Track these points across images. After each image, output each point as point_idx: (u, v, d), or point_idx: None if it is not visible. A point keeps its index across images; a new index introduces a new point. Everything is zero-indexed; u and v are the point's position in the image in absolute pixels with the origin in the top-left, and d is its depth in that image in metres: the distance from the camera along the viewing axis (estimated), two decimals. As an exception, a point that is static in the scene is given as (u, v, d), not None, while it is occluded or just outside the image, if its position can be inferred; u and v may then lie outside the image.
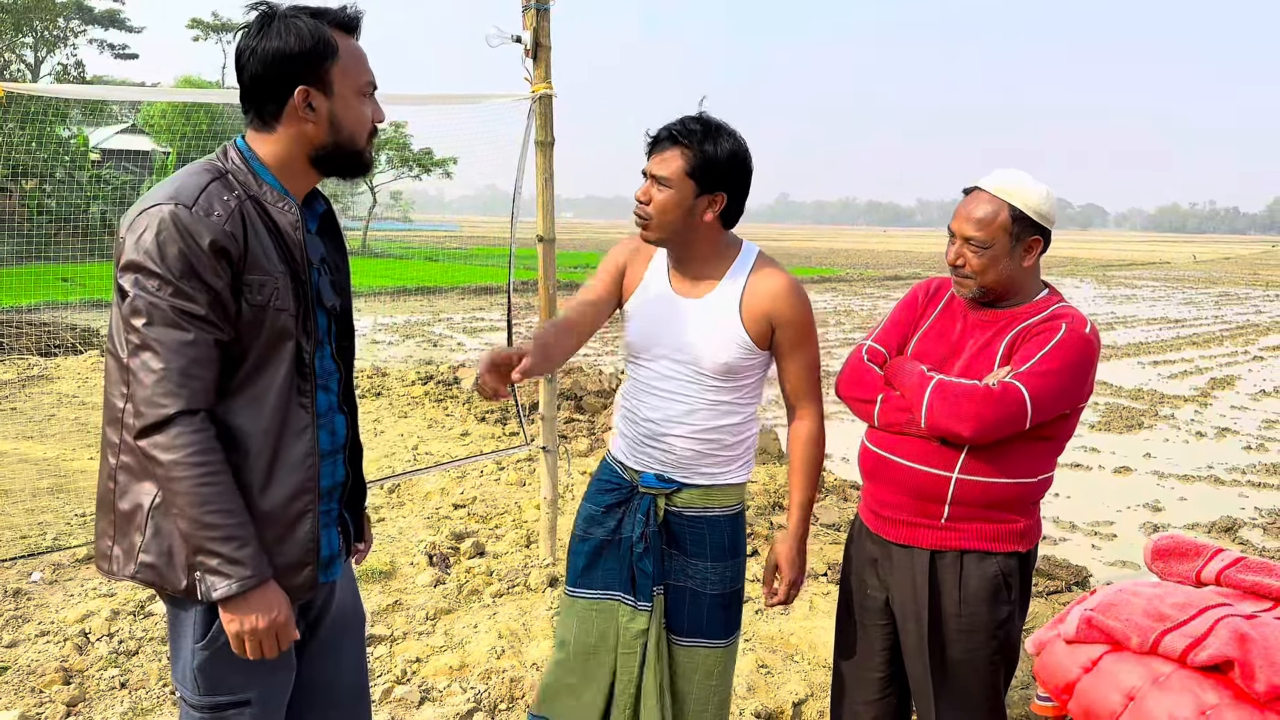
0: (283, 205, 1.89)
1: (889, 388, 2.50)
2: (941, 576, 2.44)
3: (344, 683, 2.21)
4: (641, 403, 2.51)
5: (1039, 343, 2.34)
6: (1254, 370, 13.93)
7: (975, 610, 2.41)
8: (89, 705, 3.49)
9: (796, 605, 4.48)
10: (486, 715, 3.49)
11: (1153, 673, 1.58)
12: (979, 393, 2.30)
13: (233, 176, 1.87)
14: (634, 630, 2.48)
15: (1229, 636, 1.53)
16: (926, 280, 2.71)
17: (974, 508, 2.39)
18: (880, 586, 2.58)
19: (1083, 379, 2.35)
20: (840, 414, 9.89)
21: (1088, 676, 1.66)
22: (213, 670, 1.91)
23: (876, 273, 35.61)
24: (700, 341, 2.42)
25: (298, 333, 1.89)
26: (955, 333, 2.51)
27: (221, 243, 1.77)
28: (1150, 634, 1.60)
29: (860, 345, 2.64)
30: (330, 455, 2.03)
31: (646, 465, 2.51)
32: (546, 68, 4.56)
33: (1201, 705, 1.50)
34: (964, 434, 2.30)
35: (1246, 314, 23.20)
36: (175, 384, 1.74)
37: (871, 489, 2.59)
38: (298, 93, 1.87)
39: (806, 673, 3.86)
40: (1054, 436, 2.40)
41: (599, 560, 2.55)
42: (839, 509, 6.01)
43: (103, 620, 4.11)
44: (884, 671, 2.63)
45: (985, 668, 2.45)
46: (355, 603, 2.26)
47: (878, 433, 2.53)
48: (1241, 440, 9.44)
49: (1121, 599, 1.69)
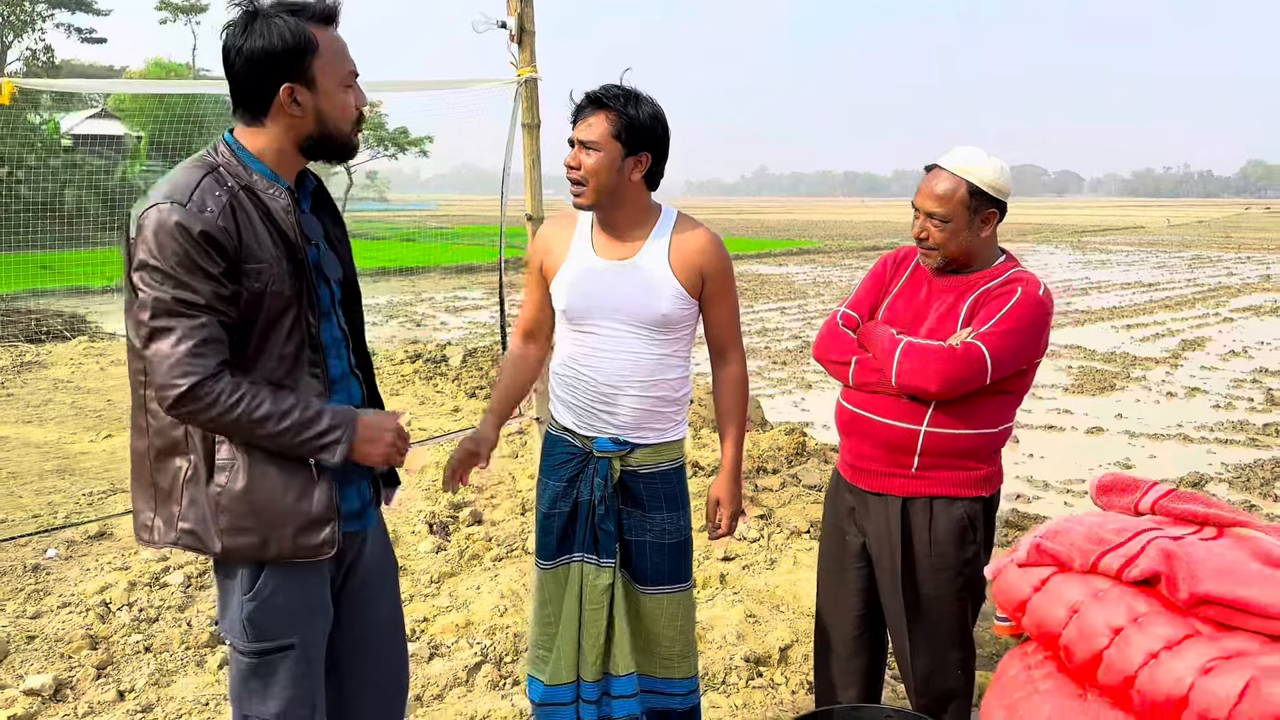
0: (273, 191, 2.01)
1: (862, 350, 2.72)
2: (913, 521, 2.67)
3: (379, 627, 2.39)
4: (589, 368, 2.66)
5: (997, 305, 2.57)
6: (1224, 332, 14.20)
7: (944, 550, 2.65)
8: (117, 668, 3.70)
9: (781, 560, 4.73)
10: (493, 666, 3.71)
11: (1092, 589, 1.80)
12: (944, 352, 2.52)
13: (224, 170, 1.98)
14: (600, 586, 2.68)
15: (1157, 555, 1.75)
16: (894, 250, 2.93)
17: (941, 457, 2.62)
18: (858, 533, 2.81)
19: (1038, 337, 2.59)
20: (821, 383, 10.16)
21: (1037, 595, 1.88)
22: (259, 620, 2.09)
23: (855, 243, 35.82)
24: (638, 298, 2.60)
25: (301, 308, 2.03)
26: (921, 298, 2.73)
27: (215, 236, 1.89)
28: (1090, 555, 1.82)
29: (835, 313, 2.86)
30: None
31: (599, 430, 2.68)
32: (531, 52, 4.73)
33: (1134, 613, 1.73)
34: (931, 390, 2.53)
35: (1218, 276, 23.53)
36: (187, 364, 1.88)
37: (848, 444, 2.81)
38: (283, 90, 1.98)
39: (791, 621, 4.11)
40: (1013, 390, 2.64)
41: (567, 529, 2.73)
42: (820, 471, 6.25)
43: (121, 591, 4.30)
44: (861, 610, 2.86)
45: (953, 603, 2.69)
46: (387, 551, 2.45)
47: (852, 392, 2.75)
48: (1210, 399, 9.69)
49: (1066, 526, 1.91)
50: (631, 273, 2.62)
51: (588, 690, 2.70)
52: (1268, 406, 9.35)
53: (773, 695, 3.58)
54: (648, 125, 2.56)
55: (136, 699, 3.48)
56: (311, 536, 2.07)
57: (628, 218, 2.64)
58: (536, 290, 2.81)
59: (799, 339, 13.18)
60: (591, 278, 2.65)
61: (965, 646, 2.76)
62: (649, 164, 2.60)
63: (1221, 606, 1.65)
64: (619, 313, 2.62)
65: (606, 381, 2.64)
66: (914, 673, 2.75)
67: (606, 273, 2.64)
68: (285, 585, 2.10)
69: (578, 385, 2.70)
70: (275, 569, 2.08)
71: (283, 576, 2.10)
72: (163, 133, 29.12)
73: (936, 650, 2.72)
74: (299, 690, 2.14)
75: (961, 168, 2.59)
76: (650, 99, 2.58)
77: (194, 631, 3.95)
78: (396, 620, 2.49)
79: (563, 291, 2.68)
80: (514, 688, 3.58)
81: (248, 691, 2.14)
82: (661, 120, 2.59)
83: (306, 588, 2.14)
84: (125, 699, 3.49)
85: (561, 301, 2.69)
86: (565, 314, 2.70)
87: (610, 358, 2.64)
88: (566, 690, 2.72)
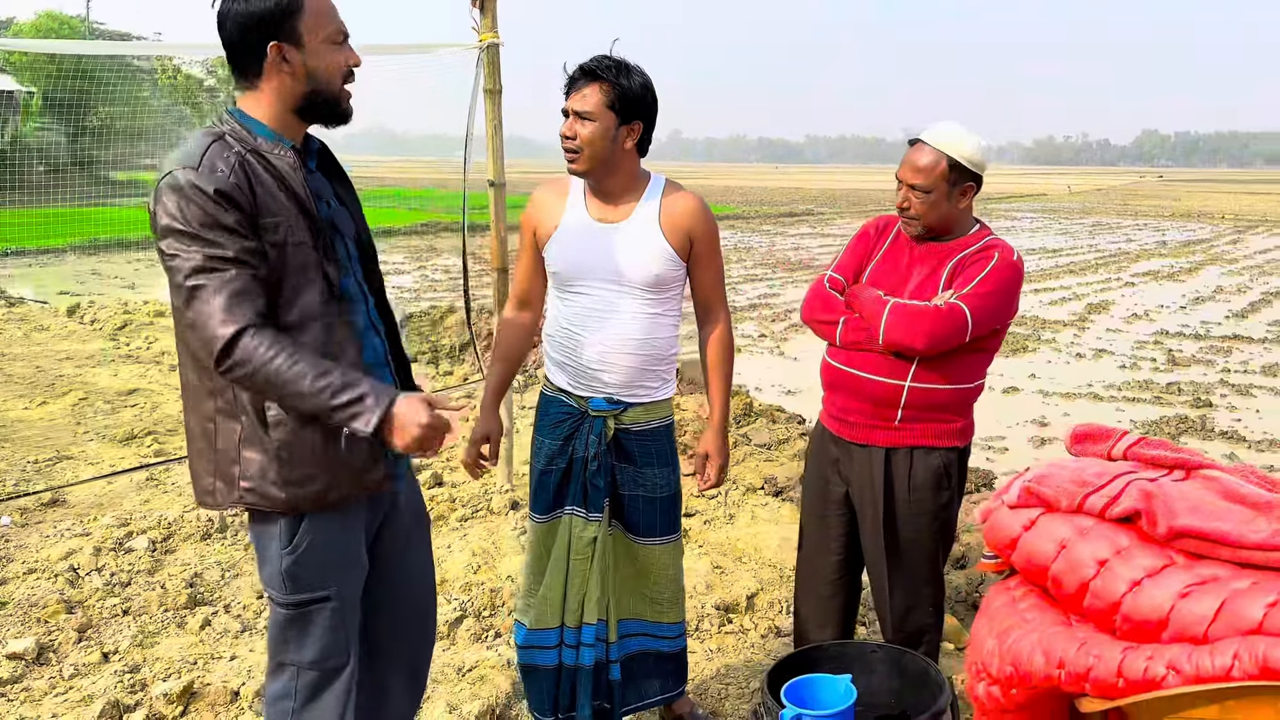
0: (279, 151, 2.09)
1: (849, 311, 2.90)
2: (895, 470, 2.88)
3: (412, 576, 2.51)
4: (583, 329, 2.76)
5: (976, 269, 2.79)
6: (1126, 295, 14.89)
7: (922, 496, 2.87)
8: (98, 631, 3.73)
9: (739, 515, 4.95)
10: (474, 620, 3.84)
11: (1078, 526, 2.02)
12: (930, 312, 2.73)
13: (230, 136, 2.06)
14: (586, 539, 2.82)
15: (1137, 494, 1.97)
16: (875, 218, 3.12)
17: (922, 410, 2.83)
18: (841, 481, 3.01)
19: (1012, 298, 2.83)
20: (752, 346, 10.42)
21: (1027, 533, 2.09)
22: (297, 572, 2.18)
23: (772, 209, 36.28)
24: (630, 258, 2.74)
25: (322, 261, 2.11)
26: (903, 264, 2.92)
27: (229, 193, 1.97)
28: (1076, 496, 2.04)
29: (821, 276, 3.04)
30: (375, 368, 2.27)
31: (595, 390, 2.80)
32: (493, 18, 4.77)
33: (1117, 546, 1.94)
34: (917, 347, 2.73)
35: (1118, 242, 24.53)
36: (225, 314, 1.95)
37: (834, 398, 3.00)
38: (270, 48, 2.05)
39: (755, 571, 4.33)
40: (987, 348, 2.87)
41: (561, 484, 2.86)
42: (769, 430, 6.49)
43: (87, 557, 4.30)
44: (841, 555, 3.07)
45: (929, 545, 2.92)
46: (419, 501, 2.56)
47: (839, 350, 2.94)
48: (1116, 360, 10.18)
49: (1052, 470, 2.12)
50: (624, 235, 2.74)
51: (572, 635, 2.85)
52: (1169, 366, 9.88)
53: (744, 639, 3.80)
54: (639, 95, 2.68)
55: (121, 659, 3.52)
56: (374, 472, 2.20)
57: (620, 183, 2.76)
58: (530, 256, 2.90)
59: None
60: (585, 240, 2.75)
61: (937, 585, 3.00)
62: (640, 132, 2.72)
63: (1195, 539, 1.88)
64: (611, 274, 2.74)
65: (601, 342, 2.75)
66: (891, 610, 2.97)
67: (599, 235, 2.75)
68: (322, 539, 2.20)
69: (572, 347, 2.80)
70: (313, 522, 2.18)
71: (319, 530, 2.19)
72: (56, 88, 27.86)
73: (912, 589, 2.95)
74: (334, 638, 2.25)
75: (943, 143, 2.78)
76: (640, 69, 2.70)
77: (170, 594, 3.98)
78: (429, 572, 2.60)
79: (556, 254, 2.79)
80: (496, 639, 3.72)
81: (285, 640, 2.25)
82: (651, 90, 2.72)
83: (342, 541, 2.25)
84: (110, 660, 3.52)
85: (555, 264, 2.80)
86: (558, 276, 2.81)
87: (603, 318, 2.75)
88: (550, 634, 2.87)
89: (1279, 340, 11.25)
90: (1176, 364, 10.00)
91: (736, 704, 3.36)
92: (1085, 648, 1.89)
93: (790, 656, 2.73)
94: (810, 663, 2.70)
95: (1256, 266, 19.06)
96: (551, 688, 2.89)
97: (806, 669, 2.65)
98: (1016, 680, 2.02)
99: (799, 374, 9.09)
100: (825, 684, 2.55)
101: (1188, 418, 7.85)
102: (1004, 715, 2.17)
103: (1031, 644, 2.02)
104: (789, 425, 6.80)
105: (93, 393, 7.45)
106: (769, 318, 12.27)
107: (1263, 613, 1.71)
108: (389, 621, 2.46)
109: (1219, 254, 21.77)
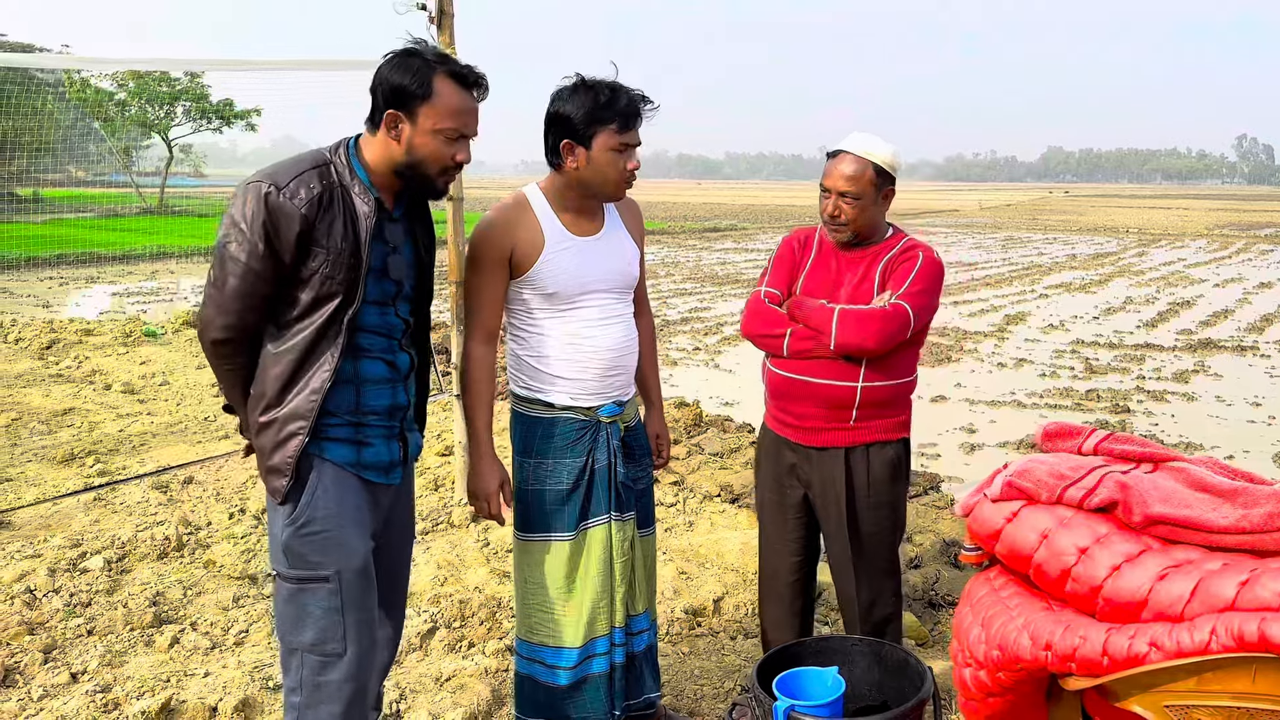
0: (364, 197, 2.34)
1: (793, 322, 3.03)
2: (854, 467, 3.04)
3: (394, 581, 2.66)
4: (594, 340, 2.79)
5: (905, 270, 2.98)
6: (1041, 307, 15.37)
7: (881, 488, 3.05)
8: (63, 652, 3.66)
9: (699, 522, 5.06)
10: (446, 630, 3.87)
11: (1059, 517, 2.17)
12: (876, 313, 2.91)
13: (333, 167, 2.33)
14: (627, 539, 2.87)
15: (1114, 485, 2.13)
16: (793, 233, 3.27)
17: (873, 408, 3.00)
18: (799, 485, 3.14)
19: (939, 293, 3.06)
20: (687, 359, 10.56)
21: (1010, 525, 2.23)
22: (297, 547, 2.34)
23: (696, 225, 36.61)
24: (619, 265, 2.87)
25: (346, 297, 2.31)
26: (833, 271, 3.09)
27: (294, 219, 2.23)
28: (1055, 489, 2.19)
29: (756, 292, 3.17)
30: (390, 383, 2.47)
31: (605, 397, 2.83)
32: (451, 34, 4.82)
33: (1096, 535, 2.10)
34: (870, 346, 2.90)
35: (1030, 256, 25.32)
36: (215, 312, 2.27)
37: (786, 405, 3.11)
38: (388, 114, 2.31)
39: (719, 575, 4.44)
40: (918, 343, 3.08)
41: (586, 497, 2.83)
42: (720, 439, 6.63)
43: (43, 578, 4.22)
44: (800, 556, 3.22)
45: (888, 534, 3.11)
46: (412, 513, 2.73)
47: (785, 361, 3.06)
48: (1037, 369, 10.51)
49: (1031, 465, 2.28)
50: (606, 244, 2.85)
51: (620, 635, 2.91)
52: (1087, 374, 10.25)
53: (713, 642, 3.90)
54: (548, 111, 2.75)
55: (91, 679, 3.47)
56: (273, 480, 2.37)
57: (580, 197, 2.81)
58: (501, 287, 2.78)
59: (658, 317, 13.56)
60: (576, 257, 2.78)
61: (896, 573, 3.19)
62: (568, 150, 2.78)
63: (1169, 525, 2.04)
64: (607, 282, 2.83)
65: (610, 347, 2.83)
66: (859, 604, 3.11)
67: (588, 249, 2.81)
68: (324, 516, 2.35)
69: (585, 360, 2.80)
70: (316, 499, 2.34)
71: (321, 507, 2.34)
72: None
73: (876, 581, 3.12)
74: (331, 622, 2.36)
75: (865, 150, 2.97)
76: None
77: (134, 613, 3.93)
78: (406, 576, 2.76)
79: (551, 275, 2.73)
80: (470, 649, 3.76)
81: (285, 618, 2.39)
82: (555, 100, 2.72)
83: (345, 522, 2.37)
84: (79, 680, 3.47)
85: (552, 285, 2.74)
86: (556, 296, 2.76)
87: (609, 326, 2.83)
88: (601, 641, 2.87)
89: (1188, 349, 11.76)
90: (1094, 372, 10.38)
91: (713, 703, 3.46)
92: (1070, 629, 2.04)
93: (776, 651, 2.84)
94: (794, 658, 2.82)
95: (1162, 278, 19.86)
96: (608, 688, 2.89)
97: (791, 664, 2.76)
98: (1004, 663, 2.16)
99: (736, 385, 9.24)
100: (813, 676, 2.67)
101: (1108, 423, 8.16)
102: (988, 699, 2.31)
103: (1017, 628, 2.16)
104: (740, 434, 6.95)
105: (26, 413, 7.26)
106: (701, 331, 12.41)
107: (1235, 591, 1.87)
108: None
109: (1126, 266, 22.64)
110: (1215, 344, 12.01)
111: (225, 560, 4.53)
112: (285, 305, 2.31)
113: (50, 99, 32.44)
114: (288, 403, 2.31)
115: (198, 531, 4.91)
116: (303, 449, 2.32)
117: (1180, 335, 12.74)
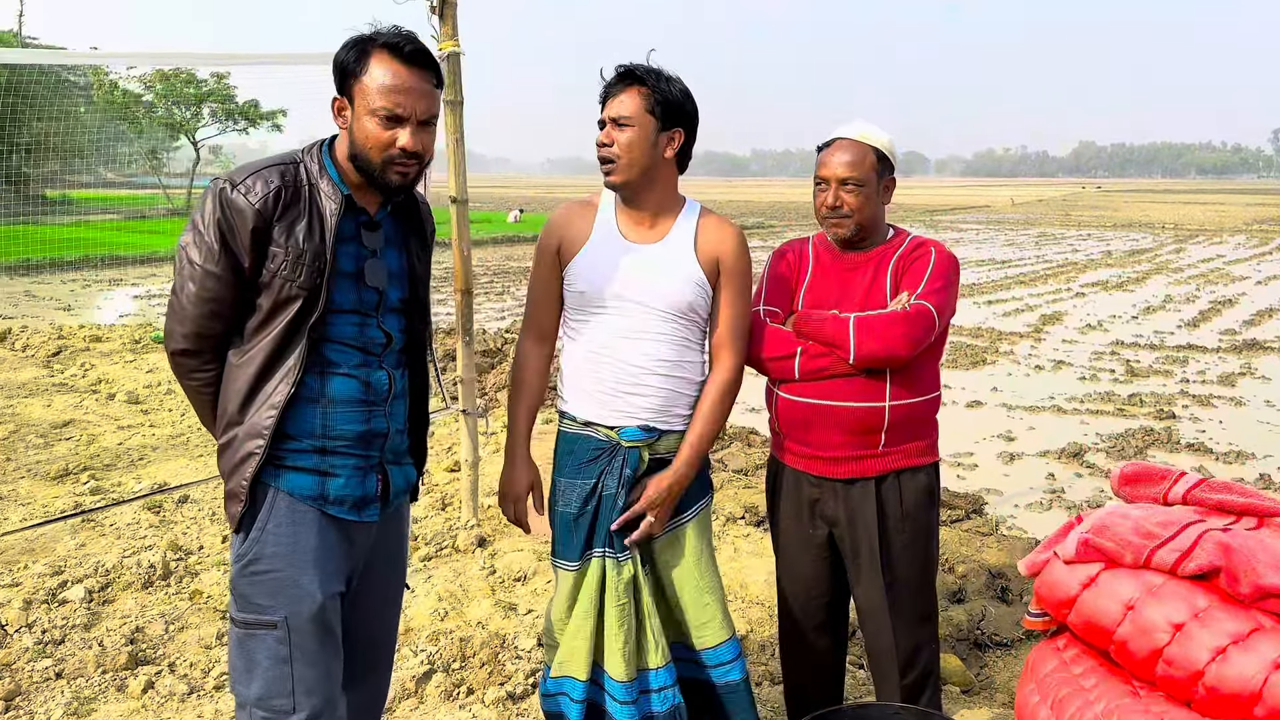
0: (331, 194, 2.11)
1: (802, 340, 2.67)
2: (885, 498, 2.69)
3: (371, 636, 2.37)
4: (614, 350, 2.54)
5: (920, 267, 2.65)
6: (1078, 306, 14.95)
7: (916, 519, 2.69)
8: (27, 699, 3.37)
9: (722, 547, 4.70)
10: (444, 675, 3.54)
11: (1147, 584, 1.81)
12: (900, 316, 2.56)
13: (302, 165, 2.12)
14: (625, 581, 2.53)
15: (1214, 548, 1.77)
16: (780, 248, 2.91)
17: (903, 430, 2.66)
18: (823, 525, 2.77)
19: (957, 289, 2.71)
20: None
21: (1087, 591, 1.87)
22: (243, 587, 2.11)
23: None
24: (662, 282, 2.52)
25: (309, 301, 2.07)
26: (836, 281, 2.74)
27: (248, 215, 2.03)
28: (1143, 551, 1.82)
29: (755, 312, 2.76)
30: (364, 405, 2.17)
31: (629, 418, 2.55)
32: (454, 25, 4.52)
33: (1194, 608, 1.74)
34: (901, 353, 2.55)
35: (1064, 253, 24.80)
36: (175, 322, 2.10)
37: (807, 437, 2.73)
38: (334, 101, 2.12)
39: (743, 610, 4.08)
40: (938, 351, 2.74)
41: (591, 526, 2.57)
42: (745, 455, 6.26)
43: (16, 611, 3.94)
44: (828, 598, 2.85)
45: (926, 573, 2.75)
46: (399, 553, 2.42)
47: (799, 385, 2.69)
48: (1076, 371, 10.11)
49: (1112, 520, 1.91)
50: (656, 257, 2.55)
51: (621, 690, 2.53)
52: (1129, 377, 9.84)
53: (736, 688, 3.54)
54: (680, 100, 2.51)
55: (54, 732, 3.17)
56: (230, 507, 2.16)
57: (657, 199, 2.57)
58: (552, 280, 2.65)
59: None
60: (616, 259, 2.55)
61: (934, 617, 2.83)
62: (681, 141, 2.54)
63: (1287, 600, 1.67)
64: (644, 295, 2.53)
65: (634, 362, 2.53)
66: (898, 653, 2.73)
67: (632, 254, 2.55)
68: (274, 554, 2.10)
69: (603, 370, 2.55)
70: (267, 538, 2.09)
71: (274, 543, 2.10)
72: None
73: (915, 626, 2.75)
74: (279, 674, 2.10)
75: (863, 134, 2.68)
76: (678, 78, 2.53)
77: (108, 652, 3.64)
78: (390, 632, 2.48)
79: (581, 272, 2.57)
80: (469, 696, 3.43)
81: (235, 667, 2.15)
82: (691, 98, 2.55)
83: (300, 562, 2.11)
84: (41, 733, 3.18)
85: (582, 283, 2.56)
86: (585, 296, 2.57)
87: (636, 339, 2.54)
88: (576, 685, 2.56)
89: (1232, 350, 11.29)
90: (1135, 375, 9.97)
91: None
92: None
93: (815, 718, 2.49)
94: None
95: (1201, 275, 19.33)
96: None
97: (824, 732, 2.42)
98: (1079, 757, 1.80)
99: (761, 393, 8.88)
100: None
101: (1153, 430, 7.77)
102: (1057, 790, 1.94)
103: (1096, 715, 1.80)
104: (765, 448, 6.56)
105: (24, 425, 7.01)
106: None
107: (1377, 688, 1.51)
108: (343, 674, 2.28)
109: (1164, 263, 22.09)
110: (1261, 345, 11.55)
111: (213, 590, 4.23)
112: (248, 312, 2.10)
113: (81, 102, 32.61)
114: (247, 419, 2.09)
115: (187, 557, 4.61)
116: (258, 473, 2.07)
117: (1224, 336, 12.28)
